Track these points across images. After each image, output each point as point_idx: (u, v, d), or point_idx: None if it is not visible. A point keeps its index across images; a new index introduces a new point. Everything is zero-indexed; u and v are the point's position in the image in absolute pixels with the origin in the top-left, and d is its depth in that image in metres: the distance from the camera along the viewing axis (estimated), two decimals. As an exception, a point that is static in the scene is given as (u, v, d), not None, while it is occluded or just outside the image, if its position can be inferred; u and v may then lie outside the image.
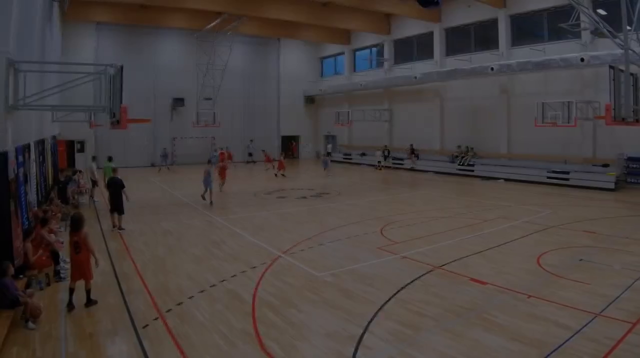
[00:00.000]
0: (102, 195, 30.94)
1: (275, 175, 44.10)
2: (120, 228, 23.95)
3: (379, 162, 59.71)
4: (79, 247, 14.00)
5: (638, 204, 31.80)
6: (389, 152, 60.47)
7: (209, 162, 32.16)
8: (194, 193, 34.47)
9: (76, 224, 14.30)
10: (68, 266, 16.41)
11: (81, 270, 14.03)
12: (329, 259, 19.15)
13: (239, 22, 53.81)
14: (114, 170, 26.42)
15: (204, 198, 31.73)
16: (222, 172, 37.06)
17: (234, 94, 67.70)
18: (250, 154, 66.87)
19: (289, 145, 74.62)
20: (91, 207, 30.85)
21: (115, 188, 24.38)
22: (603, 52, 36.32)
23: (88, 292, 14.08)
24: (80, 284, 14.06)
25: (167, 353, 11.22)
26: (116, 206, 24.22)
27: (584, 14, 28.83)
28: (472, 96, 51.65)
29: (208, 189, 31.36)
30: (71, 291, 13.91)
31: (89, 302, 13.92)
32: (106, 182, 26.63)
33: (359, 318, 13.07)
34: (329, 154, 68.53)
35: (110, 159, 32.34)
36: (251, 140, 68.91)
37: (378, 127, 63.68)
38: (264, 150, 59.66)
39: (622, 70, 25.18)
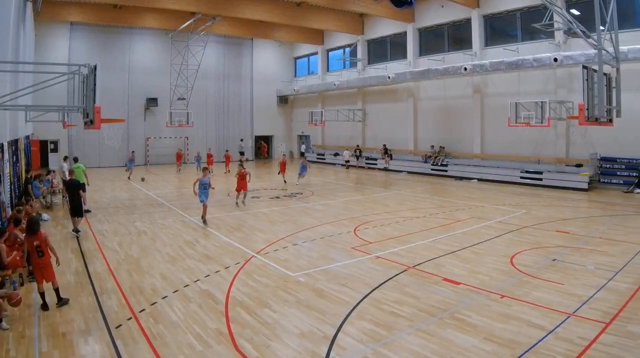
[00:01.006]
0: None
1: (285, 181, 42.82)
2: (76, 230, 23.45)
3: (347, 161, 60.41)
4: (41, 250, 13.88)
5: (611, 204, 31.96)
6: (360, 152, 60.84)
7: (205, 169, 27.48)
8: (168, 193, 34.37)
9: (34, 227, 14.17)
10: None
11: (46, 273, 14.00)
12: (303, 259, 19.12)
13: (213, 22, 53.89)
14: (71, 172, 25.98)
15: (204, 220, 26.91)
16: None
17: (208, 94, 67.95)
18: (242, 153, 67.92)
19: (260, 146, 74.71)
20: (64, 207, 30.53)
21: (72, 190, 23.98)
22: (576, 52, 36.56)
23: (57, 291, 14.03)
24: (48, 285, 14.03)
25: (141, 353, 11.15)
26: (73, 208, 23.78)
27: (557, 14, 28.89)
28: (446, 96, 51.77)
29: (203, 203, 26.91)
30: (42, 294, 13.83)
31: (60, 301, 13.83)
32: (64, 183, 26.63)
33: (332, 318, 13.10)
34: (303, 154, 68.65)
35: (76, 160, 31.87)
36: (241, 139, 70.25)
37: (352, 127, 63.94)
38: (227, 150, 57.38)
39: (595, 70, 25.25)
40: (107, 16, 52.96)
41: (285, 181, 42.47)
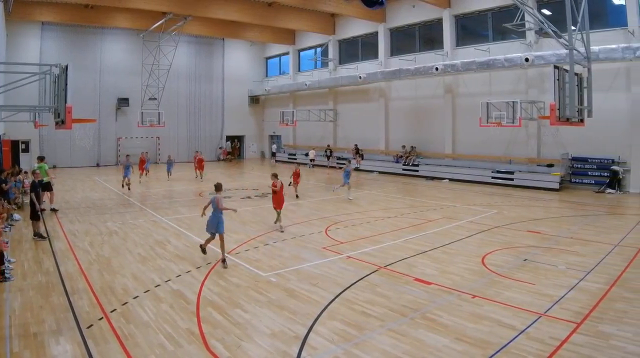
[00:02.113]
0: (46, 195, 30.33)
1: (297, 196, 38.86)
2: (35, 234, 22.84)
3: (312, 160, 60.95)
4: None
5: (582, 204, 32.08)
6: (331, 152, 60.88)
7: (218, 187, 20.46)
8: (139, 193, 34.41)
9: None
10: (13, 266, 16.25)
11: None
12: (274, 259, 19.10)
13: (184, 22, 53.75)
14: (35, 173, 25.60)
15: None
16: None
17: (179, 94, 67.89)
18: (229, 153, 69.74)
19: (233, 145, 74.48)
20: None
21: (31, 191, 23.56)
22: (548, 52, 36.65)
23: None
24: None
25: (112, 353, 11.07)
26: (33, 211, 23.24)
27: (528, 14, 28.90)
28: (417, 96, 51.93)
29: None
30: None
31: None
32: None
33: (304, 318, 13.09)
34: (274, 154, 69.07)
35: (41, 159, 31.55)
36: (229, 140, 71.41)
37: (323, 127, 64.10)
38: (197, 151, 53.40)
39: (566, 70, 25.30)
40: (78, 16, 52.77)
41: (297, 196, 34.80)
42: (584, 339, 11.47)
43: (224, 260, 18.00)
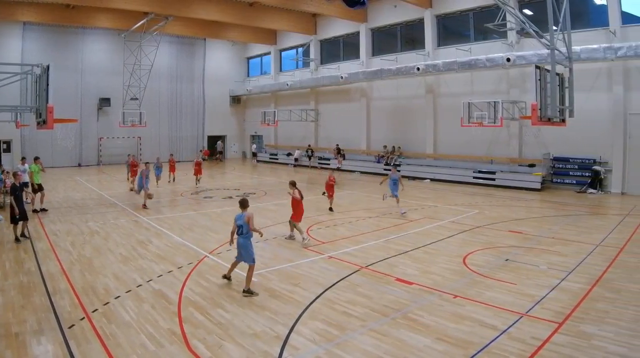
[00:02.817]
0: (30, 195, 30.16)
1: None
2: (19, 237, 22.27)
3: (296, 159, 61.20)
4: None
5: (564, 204, 32.17)
6: (312, 152, 61.17)
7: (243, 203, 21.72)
8: (121, 193, 34.29)
9: None
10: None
11: None
12: (256, 259, 18.85)
13: (166, 22, 53.69)
14: (16, 175, 25.25)
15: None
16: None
17: (161, 94, 67.91)
18: (220, 153, 70.97)
19: (215, 145, 73.94)
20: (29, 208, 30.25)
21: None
22: (529, 52, 36.75)
23: None
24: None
25: (94, 353, 11.02)
26: (13, 213, 22.88)
27: (510, 14, 28.95)
28: (399, 96, 52.08)
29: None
30: None
31: None
32: (34, 184, 26.38)
33: (285, 318, 13.07)
34: (254, 154, 69.38)
35: (36, 159, 30.70)
36: (218, 141, 71.93)
37: (304, 127, 64.17)
38: (172, 155, 49.36)
39: (548, 70, 25.32)
40: (60, 16, 52.55)
41: (331, 208, 30.44)
42: (565, 339, 11.49)
43: (245, 291, 15.10)
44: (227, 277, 16.11)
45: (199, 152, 65.24)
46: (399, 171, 32.28)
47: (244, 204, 16.42)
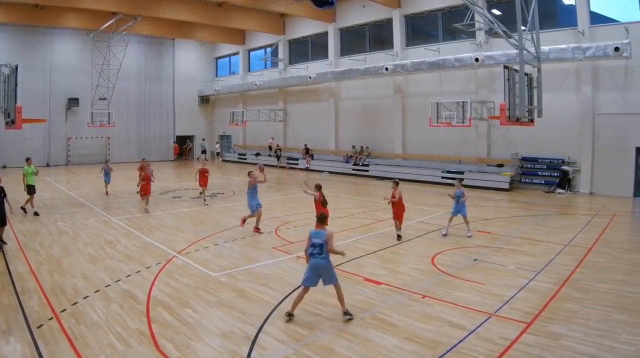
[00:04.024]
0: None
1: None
2: (2, 241, 22.58)
3: (279, 158, 60.59)
4: None
5: (532, 204, 32.32)
6: (280, 152, 61.25)
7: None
8: (89, 193, 34.16)
9: None
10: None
11: None
12: (224, 259, 19.12)
13: (134, 22, 53.58)
14: None
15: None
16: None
17: (129, 94, 67.63)
18: (203, 152, 71.06)
19: (186, 146, 74.54)
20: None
21: None
22: (497, 52, 36.96)
23: None
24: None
25: (62, 353, 10.95)
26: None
27: (478, 14, 29.00)
28: (367, 96, 52.23)
29: None
30: None
31: None
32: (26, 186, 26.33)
33: (254, 318, 13.09)
34: (218, 154, 70.03)
35: (28, 160, 29.84)
36: (203, 139, 73.55)
37: (273, 126, 64.12)
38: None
39: (516, 70, 25.40)
40: (28, 16, 52.16)
41: (399, 236, 22.55)
42: (533, 339, 11.53)
43: (345, 313, 13.10)
44: (290, 314, 13.16)
45: (201, 156, 65.57)
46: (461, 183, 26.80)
47: (323, 219, 14.12)
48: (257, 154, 64.82)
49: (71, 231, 24.06)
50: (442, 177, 42.42)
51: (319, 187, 21.06)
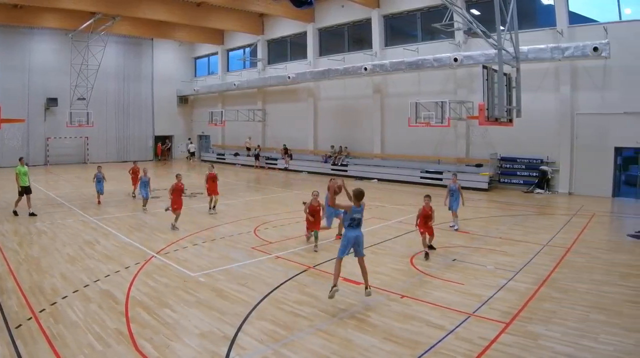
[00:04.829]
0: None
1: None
2: None
3: (259, 157, 60.50)
4: None
5: (511, 204, 32.42)
6: (259, 150, 61.39)
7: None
8: (68, 193, 34.39)
9: None
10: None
11: None
12: (203, 259, 19.07)
13: (113, 22, 53.42)
14: None
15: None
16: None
17: (108, 93, 67.39)
18: (192, 154, 70.95)
19: (164, 145, 74.22)
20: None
21: None
22: (476, 52, 37.07)
23: None
24: None
25: (41, 353, 10.90)
26: None
27: (457, 14, 29.02)
28: (346, 96, 52.31)
29: None
30: None
31: None
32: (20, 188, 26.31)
33: (233, 318, 13.08)
34: (192, 154, 70.69)
35: (20, 160, 29.88)
36: (189, 139, 74.14)
37: (252, 126, 64.18)
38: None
39: (495, 70, 25.36)
40: (6, 16, 51.90)
41: (427, 254, 19.31)
42: (512, 339, 11.57)
43: (368, 287, 14.10)
44: (335, 285, 13.88)
45: (192, 158, 65.82)
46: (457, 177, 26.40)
47: (361, 196, 14.17)
48: (236, 154, 65.07)
49: (50, 231, 23.98)
50: (421, 177, 42.43)
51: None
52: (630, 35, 32.31)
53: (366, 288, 14.04)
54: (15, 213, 27.98)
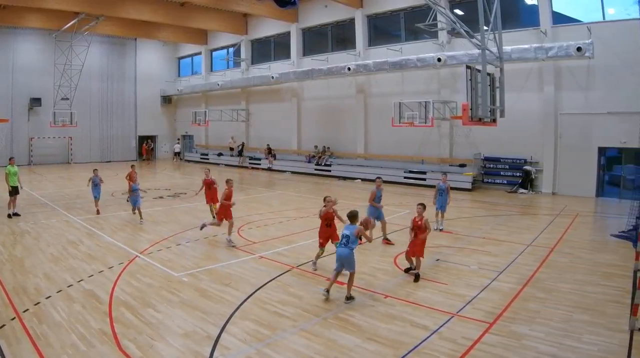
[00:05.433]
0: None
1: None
2: None
3: (241, 155, 60.78)
4: None
5: (494, 204, 32.46)
6: (242, 149, 61.65)
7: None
8: (51, 193, 34.58)
9: None
10: None
11: None
12: (187, 259, 19.05)
13: (97, 22, 53.23)
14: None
15: None
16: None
17: (92, 93, 67.19)
18: (178, 154, 71.94)
19: (148, 145, 73.70)
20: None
21: None
22: (460, 52, 37.12)
23: None
24: None
25: (25, 353, 10.90)
26: None
27: (440, 14, 28.99)
28: (330, 96, 52.29)
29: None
30: None
31: None
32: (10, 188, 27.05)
33: (216, 318, 13.09)
34: (177, 154, 70.72)
35: (10, 160, 30.08)
36: (178, 139, 73.99)
37: (235, 126, 64.20)
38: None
39: (479, 70, 25.34)
40: (-10, 16, 51.41)
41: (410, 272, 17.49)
42: (496, 339, 11.60)
43: (348, 298, 14.40)
44: (328, 290, 14.59)
45: (176, 158, 66.00)
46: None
47: (354, 218, 15.49)
48: (220, 154, 64.99)
49: (33, 231, 23.89)
50: (405, 177, 42.40)
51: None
52: (613, 35, 32.41)
53: (346, 298, 14.32)
54: (9, 216, 27.73)
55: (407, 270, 17.09)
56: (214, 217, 24.69)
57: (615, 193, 34.59)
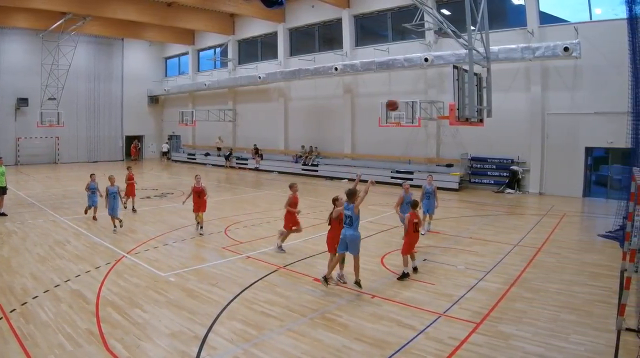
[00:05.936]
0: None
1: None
2: None
3: (232, 157, 60.62)
4: None
5: (481, 204, 32.51)
6: (230, 150, 61.55)
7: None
8: (38, 193, 34.70)
9: None
10: None
11: None
12: (174, 259, 19.00)
13: (84, 22, 53.16)
14: None
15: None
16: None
17: (79, 93, 67.06)
18: (165, 153, 72.33)
19: (136, 145, 72.84)
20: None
21: None
22: (447, 52, 37.08)
23: None
24: None
25: (12, 353, 10.89)
26: None
27: (427, 14, 29.00)
28: (317, 96, 52.34)
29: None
30: None
31: None
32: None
33: (203, 318, 13.08)
34: (165, 153, 70.96)
35: None
36: (168, 139, 74.28)
37: (222, 126, 64.16)
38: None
39: (466, 70, 25.33)
40: (-23, 17, 51.28)
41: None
42: (483, 339, 11.62)
43: (356, 282, 14.66)
44: (327, 278, 15.08)
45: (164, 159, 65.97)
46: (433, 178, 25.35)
47: (351, 195, 15.39)
48: (207, 154, 64.95)
49: (20, 231, 23.81)
50: (392, 177, 42.42)
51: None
52: (600, 35, 32.47)
53: (355, 283, 14.75)
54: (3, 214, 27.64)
55: (414, 270, 17.02)
56: (201, 227, 23.85)
57: (602, 193, 34.64)
